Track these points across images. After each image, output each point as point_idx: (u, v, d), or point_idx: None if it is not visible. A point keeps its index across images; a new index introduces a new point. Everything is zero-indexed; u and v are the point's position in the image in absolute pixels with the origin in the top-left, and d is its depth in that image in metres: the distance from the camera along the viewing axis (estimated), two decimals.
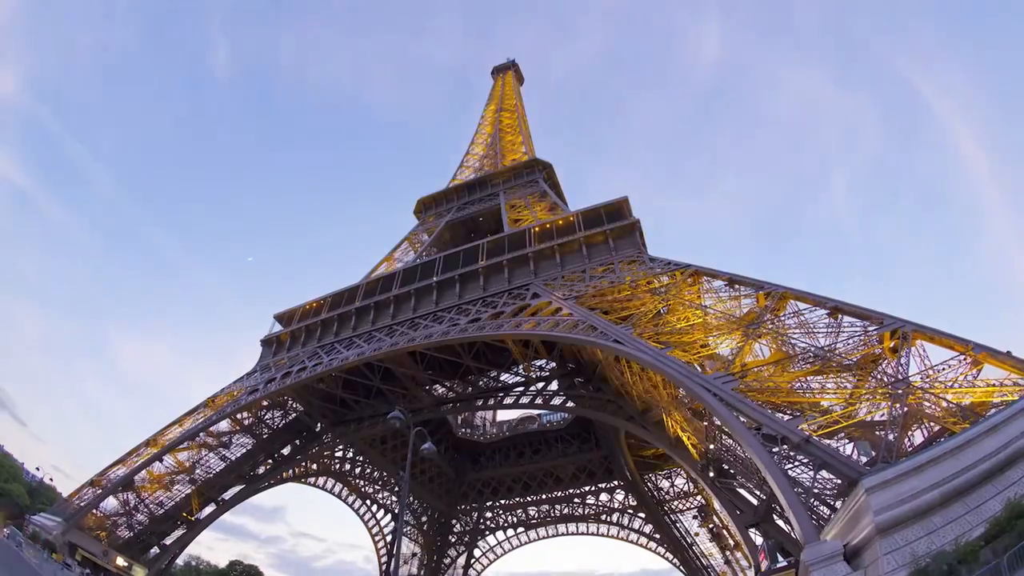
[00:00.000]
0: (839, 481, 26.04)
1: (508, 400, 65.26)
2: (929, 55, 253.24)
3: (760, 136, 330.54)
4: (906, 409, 25.85)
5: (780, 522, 34.60)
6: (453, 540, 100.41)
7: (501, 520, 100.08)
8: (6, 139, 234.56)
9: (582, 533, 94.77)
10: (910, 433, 26.37)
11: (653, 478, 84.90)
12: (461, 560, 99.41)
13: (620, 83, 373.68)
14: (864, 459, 24.40)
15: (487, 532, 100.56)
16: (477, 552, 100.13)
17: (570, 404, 61.90)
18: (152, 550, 60.67)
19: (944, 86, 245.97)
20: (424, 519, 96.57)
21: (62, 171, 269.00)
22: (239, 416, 64.80)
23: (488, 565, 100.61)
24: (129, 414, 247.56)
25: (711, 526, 76.26)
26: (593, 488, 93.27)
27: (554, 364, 64.88)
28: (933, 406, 26.31)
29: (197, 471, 62.79)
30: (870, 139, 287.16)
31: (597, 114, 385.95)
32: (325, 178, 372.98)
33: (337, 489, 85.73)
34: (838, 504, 26.40)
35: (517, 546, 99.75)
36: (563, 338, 43.54)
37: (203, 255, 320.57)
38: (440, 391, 73.56)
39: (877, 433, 26.21)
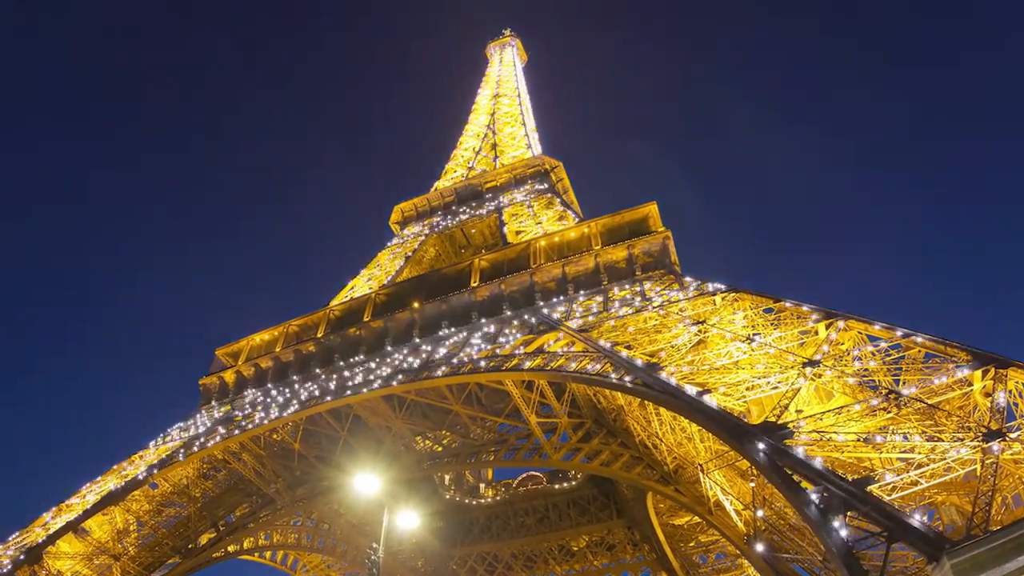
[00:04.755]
0: (918, 556, 26.02)
1: (507, 456, 64.97)
2: None
3: None
4: (1001, 467, 25.93)
5: None
6: None
7: None
8: None
9: None
10: (1006, 497, 26.39)
11: (687, 552, 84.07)
12: None
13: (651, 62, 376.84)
14: (949, 529, 24.45)
15: None
16: None
17: (584, 461, 61.55)
18: None
19: None
20: None
21: None
22: (172, 475, 64.41)
23: None
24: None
25: None
26: (613, 564, 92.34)
27: (564, 411, 64.69)
28: None
29: (121, 543, 62.27)
30: None
31: (621, 101, 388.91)
32: (276, 176, 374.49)
33: (296, 566, 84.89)
34: None
35: None
36: (575, 379, 43.65)
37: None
38: (423, 444, 73.20)
39: (964, 497, 26.26)
